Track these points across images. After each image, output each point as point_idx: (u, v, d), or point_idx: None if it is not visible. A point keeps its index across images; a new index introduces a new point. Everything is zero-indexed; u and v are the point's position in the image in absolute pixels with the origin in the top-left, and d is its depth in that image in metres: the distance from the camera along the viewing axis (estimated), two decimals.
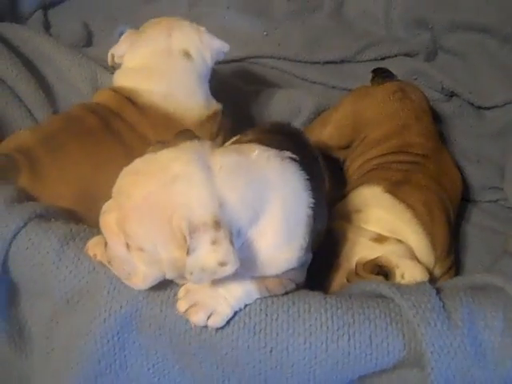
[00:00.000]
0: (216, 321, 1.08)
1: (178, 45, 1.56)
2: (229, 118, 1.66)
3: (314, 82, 2.16)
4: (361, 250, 1.40)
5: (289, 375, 1.12)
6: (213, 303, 1.08)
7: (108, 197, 1.08)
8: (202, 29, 1.60)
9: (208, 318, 1.08)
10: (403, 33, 2.26)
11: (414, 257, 1.42)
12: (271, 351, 1.11)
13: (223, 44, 1.60)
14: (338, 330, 1.10)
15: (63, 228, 1.20)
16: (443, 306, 1.12)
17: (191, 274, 0.99)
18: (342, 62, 2.21)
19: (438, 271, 1.50)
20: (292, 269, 1.12)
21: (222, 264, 0.98)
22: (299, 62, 2.18)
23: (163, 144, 1.08)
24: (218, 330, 1.09)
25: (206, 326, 1.09)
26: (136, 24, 2.09)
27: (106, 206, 1.07)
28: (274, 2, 2.30)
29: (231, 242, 0.98)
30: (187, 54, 1.57)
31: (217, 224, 0.98)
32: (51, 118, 1.55)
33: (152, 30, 1.60)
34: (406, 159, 1.64)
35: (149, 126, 1.51)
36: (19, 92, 1.67)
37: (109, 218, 1.04)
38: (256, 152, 1.11)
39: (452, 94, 2.14)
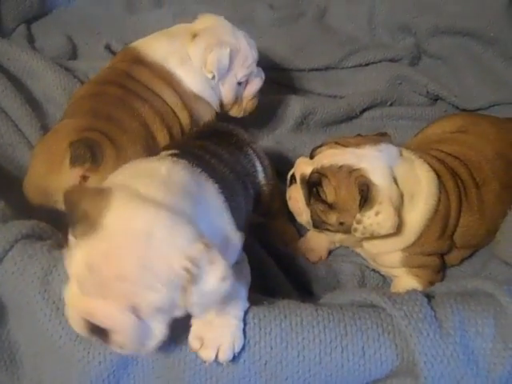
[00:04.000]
0: (223, 355, 1.09)
1: None
2: None
3: (300, 90, 2.16)
4: None
5: None
6: (218, 339, 1.08)
7: None
8: None
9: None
10: (387, 38, 2.27)
11: None
12: (266, 364, 1.12)
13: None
14: (330, 342, 1.11)
15: (47, 255, 1.18)
16: (435, 315, 1.14)
17: (196, 305, 1.00)
18: (327, 68, 2.22)
19: None
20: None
21: (223, 279, 0.99)
22: (284, 69, 2.19)
23: (85, 218, 1.00)
24: None
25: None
26: (120, 36, 2.12)
27: (87, 308, 1.00)
28: (258, 10, 2.31)
29: (222, 255, 0.99)
30: None
31: (207, 245, 0.99)
32: (80, 102, 1.60)
33: None
34: None
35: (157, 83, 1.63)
36: (6, 107, 1.67)
37: (104, 312, 0.99)
38: (163, 168, 1.13)
39: (437, 98, 2.15)
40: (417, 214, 1.47)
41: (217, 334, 1.08)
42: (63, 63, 1.94)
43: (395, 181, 1.44)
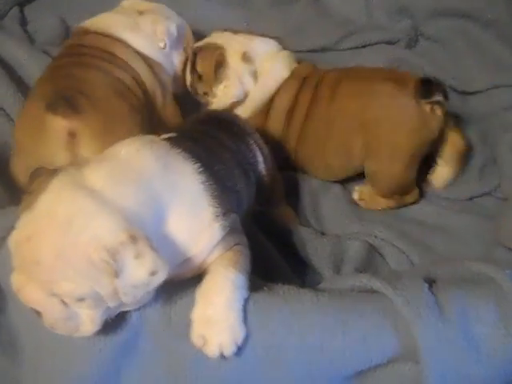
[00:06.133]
0: (226, 351, 1.08)
1: None
2: None
3: None
4: None
5: (285, 374, 1.13)
6: (219, 335, 1.07)
7: None
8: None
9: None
10: (384, 20, 2.24)
11: None
12: (267, 351, 1.11)
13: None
14: (331, 328, 1.11)
15: None
16: (436, 301, 1.13)
17: (125, 294, 0.99)
18: (324, 50, 2.20)
19: None
20: (226, 236, 1.15)
21: (153, 273, 0.98)
22: None
23: (30, 194, 1.04)
24: None
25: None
26: None
27: (16, 285, 1.01)
28: None
29: (153, 248, 0.98)
30: None
31: (132, 237, 0.97)
32: (39, 81, 1.60)
33: None
34: None
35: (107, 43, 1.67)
36: None
37: (30, 292, 1.00)
38: (123, 150, 1.12)
39: None
40: None
41: (217, 329, 1.07)
42: (50, 50, 1.93)
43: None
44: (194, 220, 1.11)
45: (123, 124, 1.44)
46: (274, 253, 1.52)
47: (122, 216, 0.99)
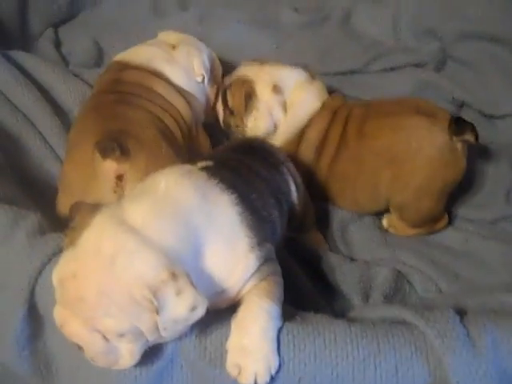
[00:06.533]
0: (261, 380, 1.09)
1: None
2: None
3: None
4: None
5: None
6: (254, 365, 1.09)
7: None
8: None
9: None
10: (412, 43, 2.25)
11: None
12: (299, 381, 1.12)
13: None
14: (363, 360, 1.12)
15: None
16: (468, 334, 1.14)
17: (165, 329, 1.02)
18: (352, 72, 2.21)
19: None
20: (261, 266, 1.16)
21: (193, 309, 1.01)
22: None
23: (73, 230, 1.08)
24: None
25: None
26: (147, 39, 2.12)
27: (60, 320, 1.04)
28: (284, 14, 2.31)
29: (193, 284, 1.01)
30: None
31: (173, 275, 1.00)
32: (82, 118, 1.63)
33: None
34: None
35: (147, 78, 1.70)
36: (34, 119, 1.70)
37: (73, 327, 1.03)
38: (162, 183, 1.14)
39: (462, 104, 2.13)
40: None
41: (252, 359, 1.09)
42: (84, 72, 1.97)
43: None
44: (231, 251, 1.13)
45: (168, 164, 1.45)
46: (303, 279, 1.53)
47: (163, 253, 1.01)
